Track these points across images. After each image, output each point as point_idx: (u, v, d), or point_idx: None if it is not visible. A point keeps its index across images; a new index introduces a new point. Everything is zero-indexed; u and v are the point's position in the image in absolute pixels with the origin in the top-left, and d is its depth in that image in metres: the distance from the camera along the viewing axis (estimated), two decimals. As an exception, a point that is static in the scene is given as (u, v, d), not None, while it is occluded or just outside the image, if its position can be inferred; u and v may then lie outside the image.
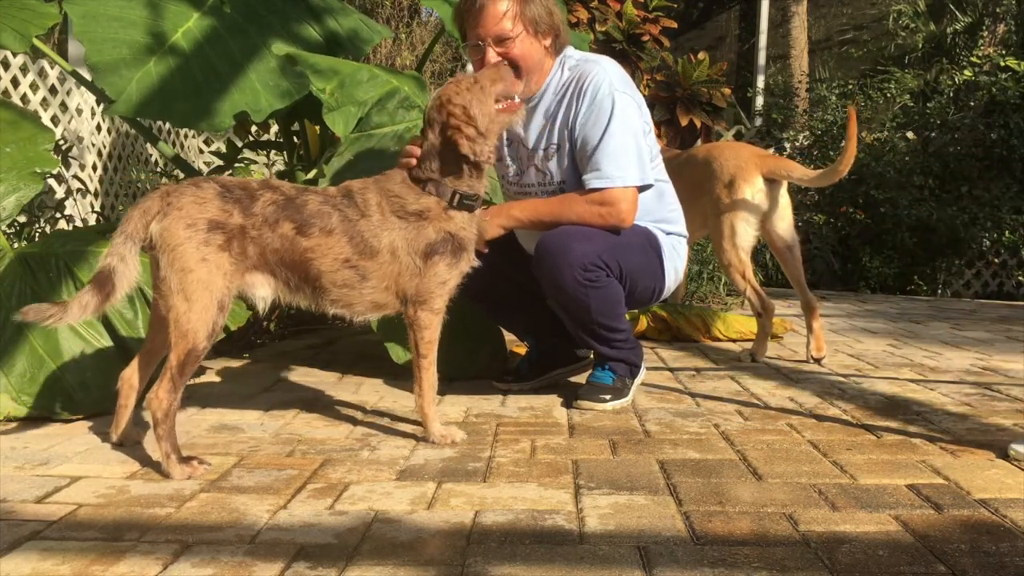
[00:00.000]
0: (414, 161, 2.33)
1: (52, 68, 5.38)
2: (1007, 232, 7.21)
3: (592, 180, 2.64)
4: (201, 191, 2.11)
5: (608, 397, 2.76)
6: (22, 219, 4.28)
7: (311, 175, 3.87)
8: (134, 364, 2.28)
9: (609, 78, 2.67)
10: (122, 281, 2.03)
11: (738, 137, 8.11)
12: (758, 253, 6.45)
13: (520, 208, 2.67)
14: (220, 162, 4.73)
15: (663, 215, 2.87)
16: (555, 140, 2.74)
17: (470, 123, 2.28)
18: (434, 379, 2.38)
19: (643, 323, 4.16)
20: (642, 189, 2.72)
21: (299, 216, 2.18)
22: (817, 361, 3.61)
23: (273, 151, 5.04)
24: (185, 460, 2.07)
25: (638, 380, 2.89)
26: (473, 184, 2.35)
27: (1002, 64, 7.50)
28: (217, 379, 3.21)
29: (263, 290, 2.22)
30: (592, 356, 3.17)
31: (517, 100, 2.41)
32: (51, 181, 5.03)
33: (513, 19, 2.61)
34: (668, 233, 2.87)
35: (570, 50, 2.80)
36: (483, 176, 2.38)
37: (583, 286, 2.60)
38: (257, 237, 2.14)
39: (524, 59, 2.66)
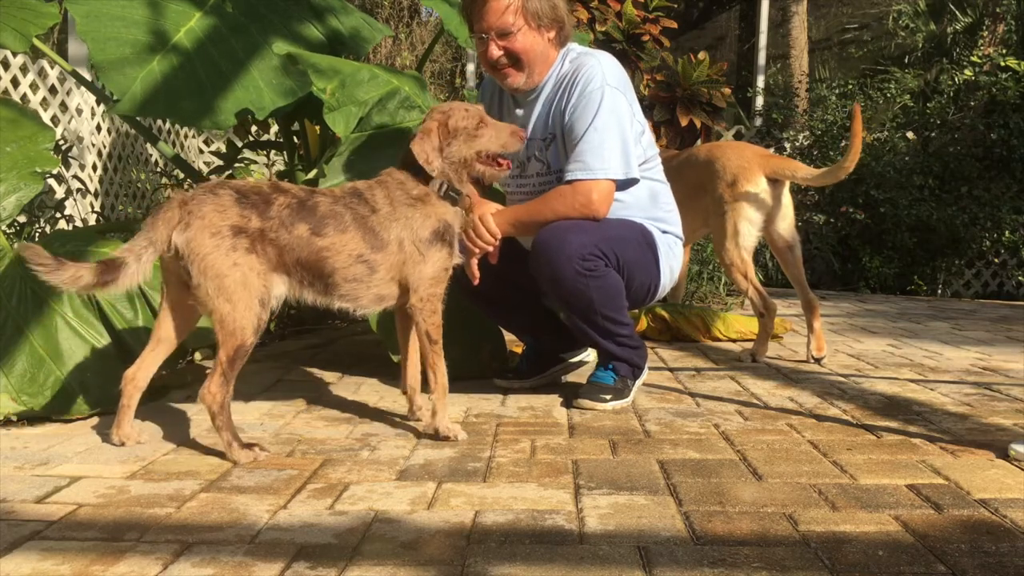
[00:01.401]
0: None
1: (52, 68, 5.38)
2: (1007, 232, 7.21)
3: (573, 172, 2.65)
4: (219, 198, 2.17)
5: (609, 397, 2.76)
6: (22, 219, 4.28)
7: (311, 175, 3.87)
8: (138, 363, 2.30)
9: (603, 72, 2.68)
10: (127, 278, 2.11)
11: (738, 137, 8.11)
12: (758, 253, 6.46)
13: (500, 217, 2.68)
14: (220, 162, 4.73)
15: (658, 215, 2.87)
16: (551, 130, 2.76)
17: (440, 138, 2.35)
18: (444, 367, 2.41)
19: (643, 323, 4.16)
20: (627, 185, 2.72)
21: (312, 217, 2.24)
22: (817, 361, 3.61)
23: (273, 151, 5.04)
24: (247, 446, 2.17)
25: (639, 381, 2.89)
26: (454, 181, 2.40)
27: (1002, 64, 7.49)
28: (217, 379, 3.21)
29: (278, 289, 2.28)
30: (582, 356, 3.18)
31: (510, 162, 2.49)
32: (51, 181, 5.03)
33: (515, 13, 2.63)
34: (664, 232, 2.88)
35: (574, 44, 2.82)
36: (462, 183, 2.41)
37: (583, 276, 2.61)
38: (275, 239, 2.20)
39: (526, 52, 2.68)
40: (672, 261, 2.90)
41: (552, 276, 2.64)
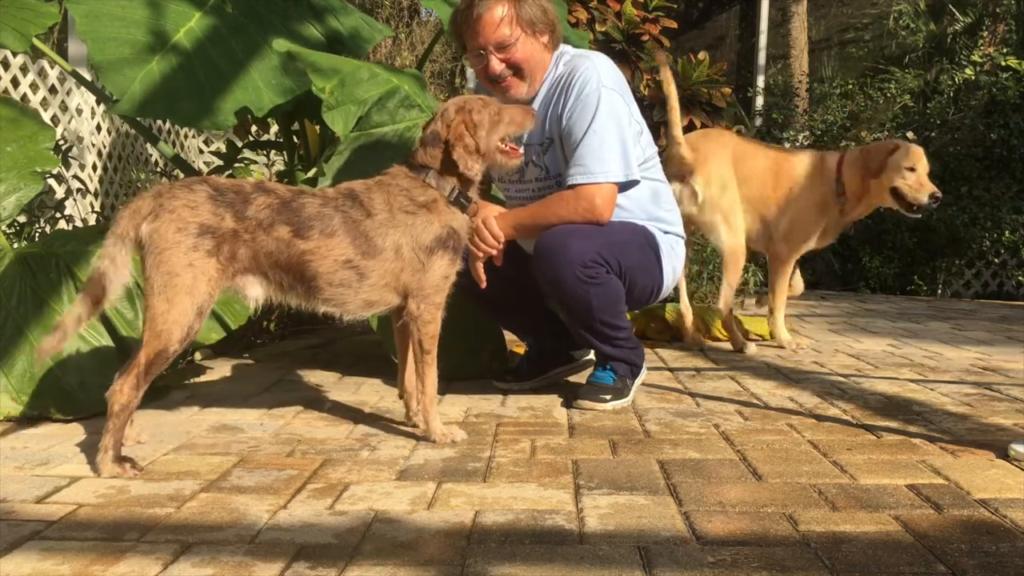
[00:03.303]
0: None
1: (52, 68, 5.37)
2: (1007, 232, 7.21)
3: (573, 176, 2.64)
4: (193, 194, 2.12)
5: (608, 397, 2.76)
6: (22, 219, 4.28)
7: (311, 175, 3.87)
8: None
9: (598, 74, 2.67)
10: (112, 284, 2.07)
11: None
12: (758, 254, 6.44)
13: (503, 220, 2.67)
14: (220, 162, 4.73)
15: (659, 215, 2.87)
16: (548, 134, 2.75)
17: (474, 138, 2.32)
18: (435, 376, 2.38)
19: (643, 323, 4.16)
20: (628, 186, 2.72)
21: (296, 219, 2.19)
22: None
23: (273, 151, 5.04)
24: (120, 460, 2.07)
25: (639, 380, 2.89)
26: (464, 187, 2.38)
27: (1003, 64, 7.49)
28: (217, 379, 3.21)
29: (254, 291, 2.24)
30: (591, 355, 3.17)
31: (521, 149, 2.46)
32: (51, 181, 5.03)
33: (511, 23, 2.62)
34: (666, 232, 2.88)
35: (566, 47, 2.81)
36: (474, 187, 2.40)
37: (583, 283, 2.60)
38: (250, 241, 2.16)
39: (527, 61, 2.67)
40: (675, 262, 2.90)
41: (553, 281, 2.64)
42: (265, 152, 5.28)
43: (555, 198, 2.68)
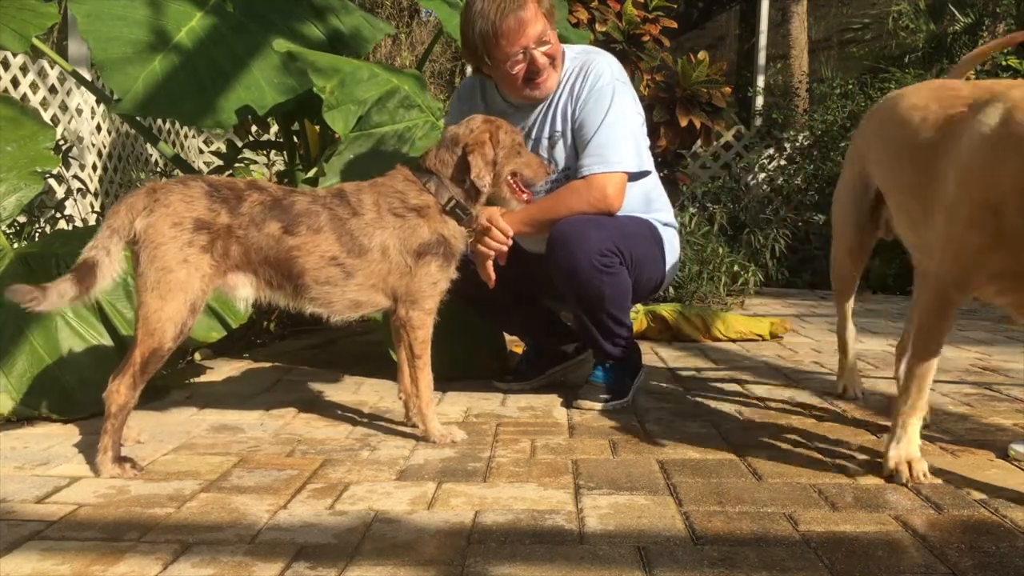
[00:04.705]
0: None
1: (52, 68, 5.38)
2: (1007, 232, 7.20)
3: (588, 166, 2.66)
4: (189, 189, 2.13)
5: (608, 397, 2.76)
6: (22, 219, 4.28)
7: (311, 175, 3.87)
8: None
9: (610, 69, 2.74)
10: (104, 275, 2.05)
11: (738, 138, 8.11)
12: (757, 253, 6.45)
13: (512, 216, 2.67)
14: (220, 162, 4.73)
15: (656, 206, 2.90)
16: (559, 128, 2.77)
17: (494, 150, 2.36)
18: (430, 379, 2.38)
19: (643, 323, 4.16)
20: (639, 176, 2.74)
21: (286, 216, 2.20)
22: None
23: (273, 151, 5.04)
24: (119, 460, 2.07)
25: (638, 381, 2.90)
26: (468, 198, 2.38)
27: (1003, 64, 7.49)
28: (217, 379, 3.21)
29: (244, 290, 2.24)
30: (590, 353, 3.17)
31: (531, 195, 2.52)
32: (51, 181, 5.03)
33: (541, 19, 2.66)
34: (665, 224, 2.89)
35: (565, 45, 2.84)
36: (478, 201, 2.40)
37: (599, 272, 2.61)
38: (243, 237, 2.16)
39: (559, 49, 2.72)
40: (674, 256, 2.92)
41: (569, 269, 2.64)
42: (265, 152, 5.28)
43: (565, 190, 2.69)
